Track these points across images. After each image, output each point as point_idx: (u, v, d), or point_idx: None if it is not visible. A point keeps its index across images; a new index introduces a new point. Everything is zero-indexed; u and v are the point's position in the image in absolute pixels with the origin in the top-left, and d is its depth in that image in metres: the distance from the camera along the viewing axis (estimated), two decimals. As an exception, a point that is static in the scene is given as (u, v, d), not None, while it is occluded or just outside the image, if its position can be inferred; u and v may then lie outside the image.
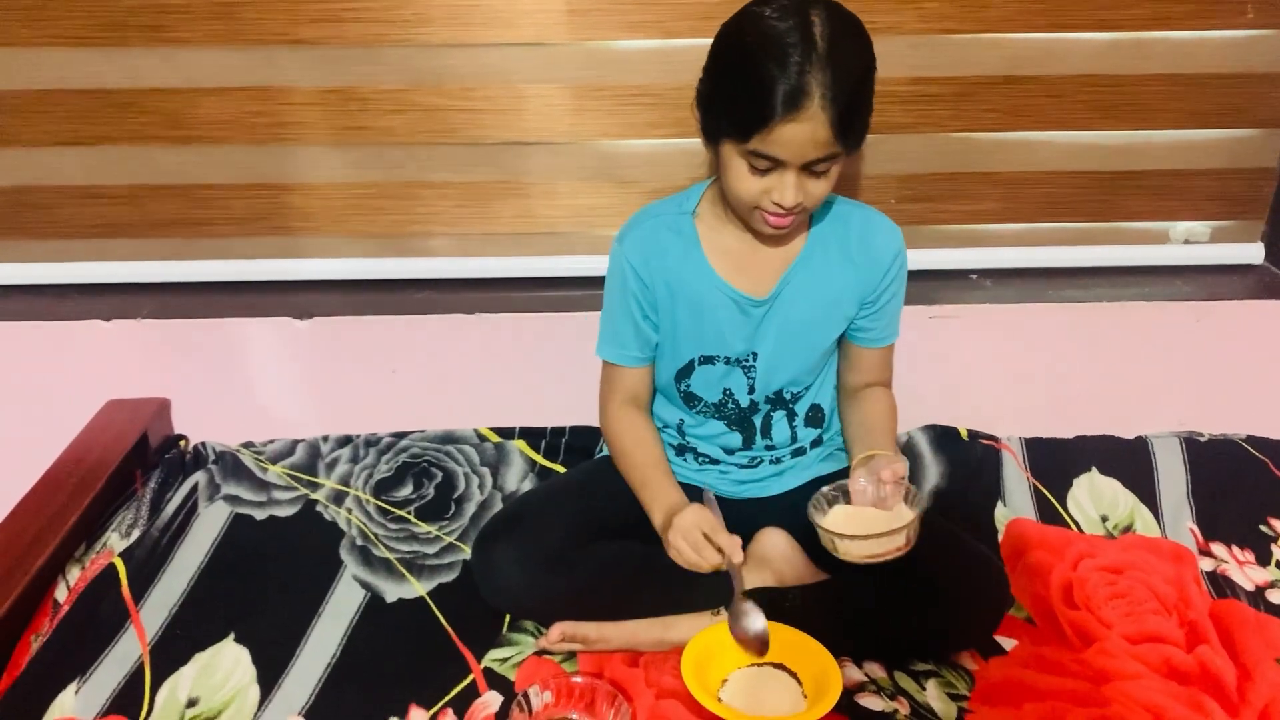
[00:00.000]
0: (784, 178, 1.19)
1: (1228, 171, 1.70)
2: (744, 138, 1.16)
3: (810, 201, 1.22)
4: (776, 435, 1.44)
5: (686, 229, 1.36)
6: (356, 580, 1.45)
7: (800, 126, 1.13)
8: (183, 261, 1.73)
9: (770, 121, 1.13)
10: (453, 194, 1.69)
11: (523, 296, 1.72)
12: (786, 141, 1.15)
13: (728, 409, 1.41)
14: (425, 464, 1.66)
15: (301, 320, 1.67)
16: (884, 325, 1.42)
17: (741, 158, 1.20)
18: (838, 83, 1.12)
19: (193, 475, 1.62)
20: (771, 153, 1.16)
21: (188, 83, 1.60)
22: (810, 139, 1.14)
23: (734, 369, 1.39)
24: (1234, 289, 1.73)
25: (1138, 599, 1.41)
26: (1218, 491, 1.61)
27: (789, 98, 1.12)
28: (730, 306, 1.35)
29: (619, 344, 1.41)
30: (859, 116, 1.17)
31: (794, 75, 1.11)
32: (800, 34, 1.12)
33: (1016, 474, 1.65)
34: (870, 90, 1.20)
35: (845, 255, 1.36)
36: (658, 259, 1.35)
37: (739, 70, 1.17)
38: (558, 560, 1.29)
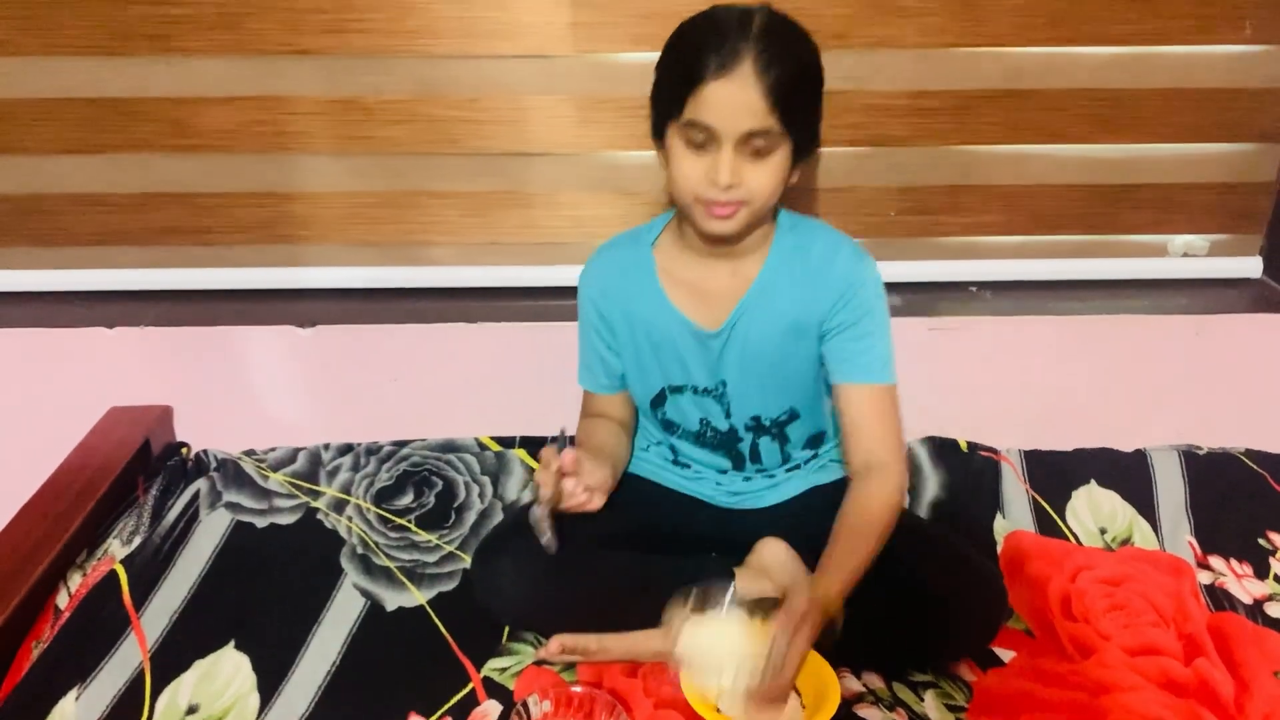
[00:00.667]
0: (720, 155, 1.16)
1: (1226, 185, 1.71)
2: (679, 108, 1.16)
3: (750, 190, 1.19)
4: (767, 459, 1.44)
5: (645, 260, 1.36)
6: (357, 588, 1.45)
7: (729, 86, 1.12)
8: (186, 269, 1.74)
9: (700, 82, 1.13)
10: (456, 203, 1.69)
11: (525, 305, 1.73)
12: (718, 103, 1.13)
13: (708, 436, 1.42)
14: (426, 473, 1.66)
15: (304, 328, 1.68)
16: (854, 357, 1.32)
17: (680, 138, 1.18)
18: (770, 52, 1.12)
19: (194, 483, 1.62)
20: (703, 119, 1.14)
21: (193, 92, 1.61)
22: (742, 103, 1.13)
23: (705, 398, 1.39)
24: (1232, 302, 1.73)
25: (1136, 611, 1.41)
26: (1216, 505, 1.61)
27: (718, 58, 1.12)
28: (688, 338, 1.35)
29: (589, 372, 1.45)
30: (797, 94, 1.15)
31: (725, 40, 1.12)
32: (738, 17, 1.14)
33: (1015, 486, 1.65)
34: (813, 84, 1.19)
35: (803, 280, 1.31)
36: (615, 291, 1.37)
37: (676, 48, 1.19)
38: (557, 572, 1.29)
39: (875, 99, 1.63)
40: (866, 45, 1.59)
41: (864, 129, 1.65)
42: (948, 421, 1.74)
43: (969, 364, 1.73)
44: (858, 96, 1.62)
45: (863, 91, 1.62)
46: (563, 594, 1.29)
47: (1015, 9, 1.58)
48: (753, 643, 1.17)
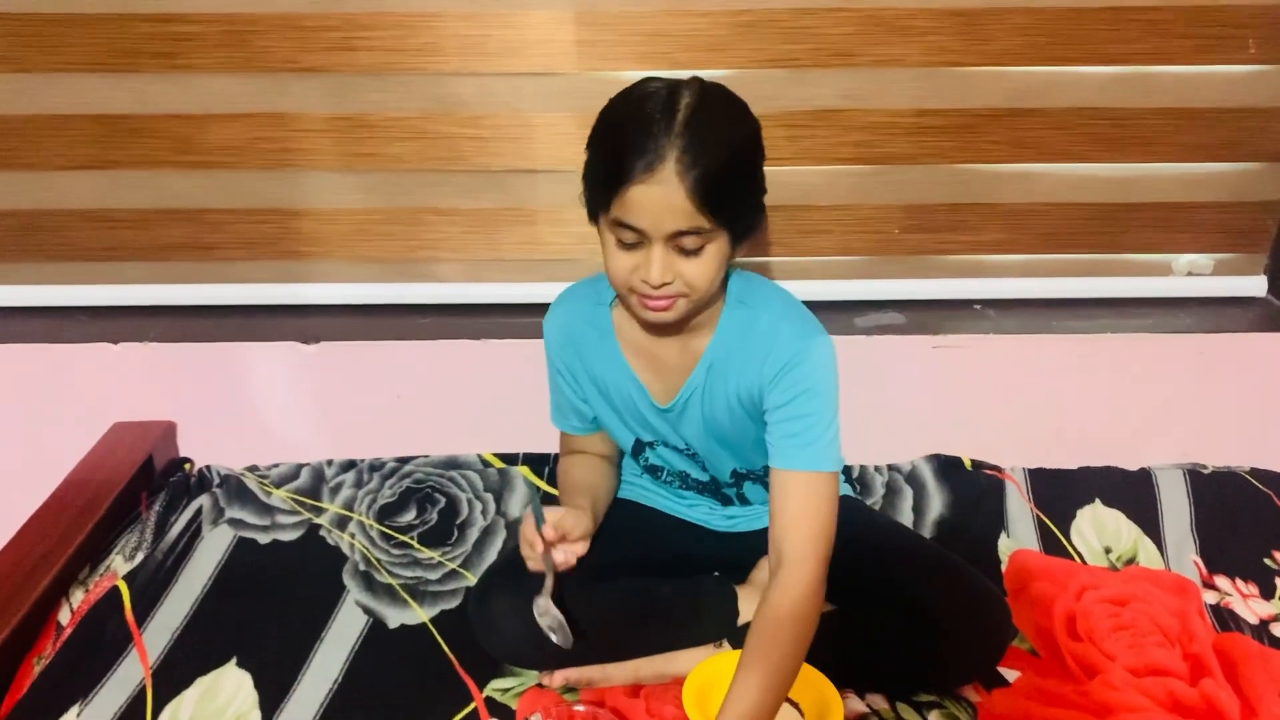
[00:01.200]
0: (650, 253, 1.11)
1: (1230, 205, 1.71)
2: (606, 205, 1.11)
3: (685, 284, 1.13)
4: (754, 498, 1.42)
5: (602, 321, 1.31)
6: (359, 606, 1.45)
7: (652, 190, 1.06)
8: (191, 285, 1.74)
9: (624, 184, 1.07)
10: (461, 220, 1.70)
11: (529, 322, 1.71)
12: (641, 206, 1.08)
13: (691, 482, 1.41)
14: (429, 489, 1.66)
15: (308, 345, 1.68)
16: (786, 439, 1.22)
17: (610, 234, 1.13)
18: (695, 148, 1.06)
19: (197, 498, 1.62)
20: (630, 220, 1.09)
21: (199, 108, 1.61)
22: (665, 204, 1.07)
23: (678, 454, 1.37)
24: (1237, 321, 1.73)
25: (1141, 631, 1.41)
26: (1222, 524, 1.61)
27: (641, 159, 1.06)
28: (644, 402, 1.32)
29: (560, 413, 1.42)
30: (725, 189, 1.08)
31: (649, 139, 1.06)
32: (664, 103, 1.08)
33: (1020, 504, 1.65)
34: (744, 172, 1.13)
35: (747, 357, 1.24)
36: (575, 349, 1.33)
37: (601, 137, 1.13)
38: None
39: (879, 117, 1.63)
40: (870, 64, 1.59)
41: (868, 147, 1.65)
42: (952, 440, 1.73)
43: (972, 382, 1.73)
44: (861, 115, 1.63)
45: (866, 110, 1.63)
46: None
47: (1018, 29, 1.59)
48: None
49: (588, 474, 1.39)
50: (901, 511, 1.63)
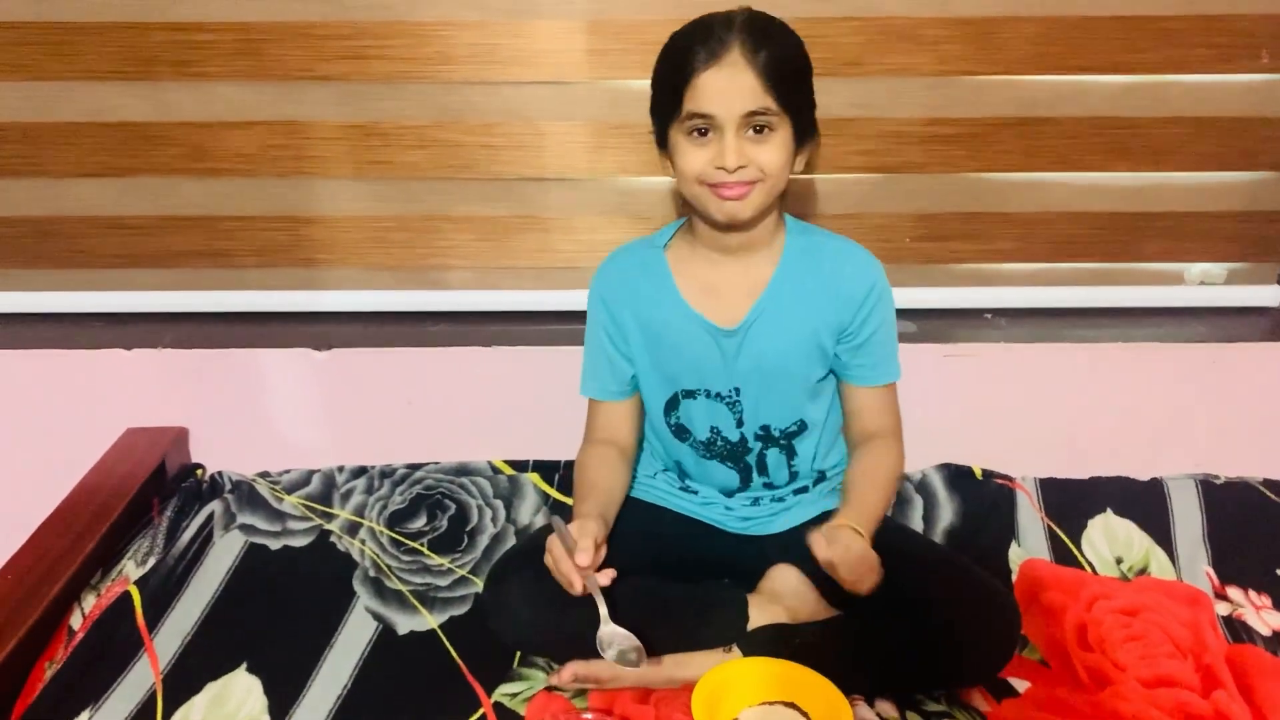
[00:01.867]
0: (724, 140, 1.19)
1: (1243, 214, 1.70)
2: (677, 106, 1.19)
3: (757, 170, 1.21)
4: (775, 475, 1.43)
5: (657, 263, 1.37)
6: (369, 612, 1.45)
7: (721, 73, 1.16)
8: (205, 292, 1.75)
9: (693, 74, 1.17)
10: (473, 228, 1.70)
11: (540, 330, 1.73)
12: (712, 91, 1.17)
13: (718, 446, 1.41)
14: (439, 496, 1.66)
15: (320, 351, 1.69)
16: (873, 362, 1.37)
17: (682, 134, 1.22)
18: (756, 36, 1.17)
19: (209, 504, 1.63)
20: (702, 108, 1.18)
21: (213, 116, 1.62)
22: (734, 86, 1.16)
23: (718, 404, 1.38)
24: (1249, 331, 1.72)
25: (1153, 642, 1.39)
26: (1234, 535, 1.59)
27: (706, 49, 1.17)
28: (703, 338, 1.34)
29: (595, 378, 1.43)
30: (789, 72, 1.19)
31: (711, 34, 1.17)
32: (722, 16, 1.19)
33: (1031, 514, 1.64)
34: (802, 67, 1.23)
35: (818, 285, 1.33)
36: (627, 292, 1.37)
37: (666, 55, 1.23)
38: (568, 599, 1.27)
39: (890, 126, 1.63)
40: (882, 73, 1.59)
41: (879, 156, 1.65)
42: (962, 449, 1.73)
43: (984, 391, 1.72)
44: (873, 124, 1.63)
45: (878, 119, 1.63)
46: (574, 622, 1.28)
47: (1031, 37, 1.58)
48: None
49: (606, 473, 1.39)
50: (912, 520, 1.62)
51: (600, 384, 1.43)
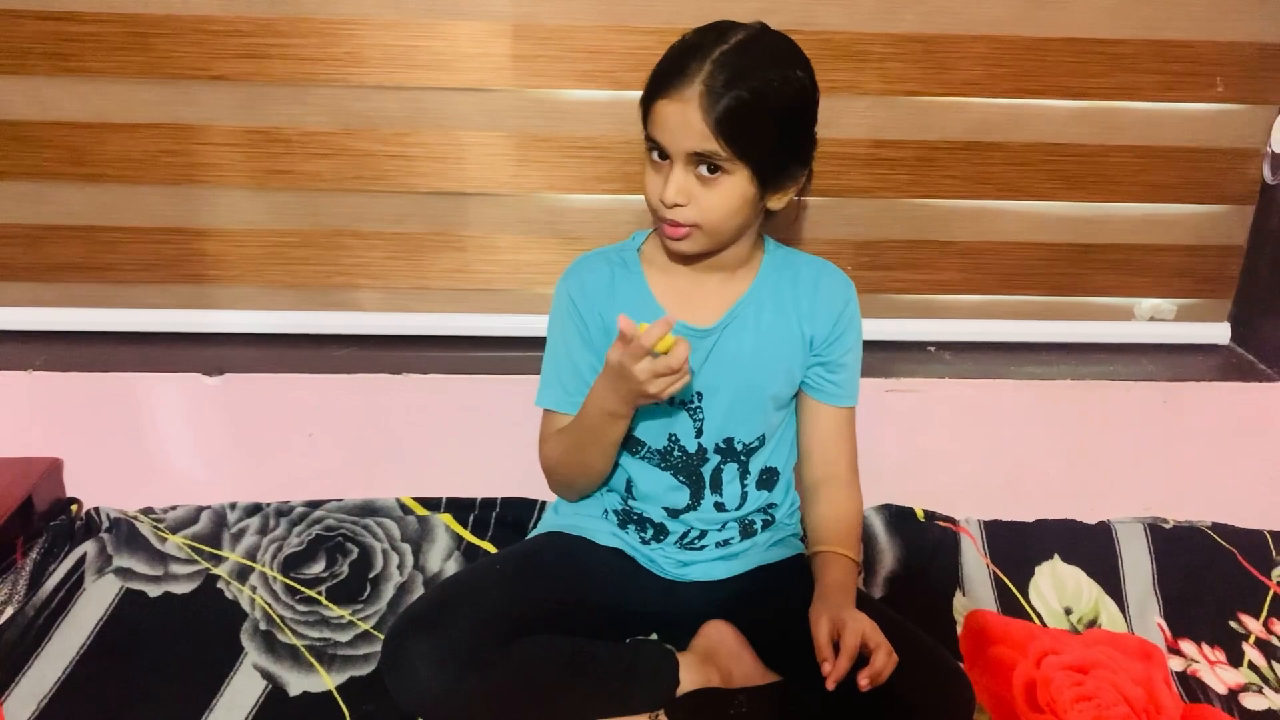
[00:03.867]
0: (672, 170, 1.16)
1: (1195, 248, 1.65)
2: (645, 121, 1.18)
3: (698, 212, 1.17)
4: (727, 492, 1.33)
5: (631, 263, 1.31)
6: (257, 669, 1.31)
7: (674, 106, 1.12)
8: (82, 309, 1.60)
9: (654, 99, 1.15)
10: (382, 245, 1.58)
11: (455, 356, 1.61)
12: (664, 121, 1.14)
13: (673, 456, 1.31)
14: (340, 538, 1.52)
15: (211, 377, 1.54)
16: (844, 379, 1.33)
17: (646, 149, 1.19)
18: (725, 74, 1.11)
19: (81, 544, 1.47)
20: (653, 133, 1.16)
21: (95, 116, 1.49)
22: (683, 121, 1.12)
23: (679, 411, 1.29)
24: (1199, 370, 1.67)
25: (1106, 702, 1.32)
26: (1185, 583, 1.53)
27: (670, 76, 1.13)
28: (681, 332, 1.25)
29: (560, 387, 1.32)
30: (748, 120, 1.12)
31: (685, 60, 1.12)
32: (715, 33, 1.14)
33: (976, 560, 1.56)
34: (778, 107, 1.15)
35: (795, 295, 1.30)
36: (599, 291, 1.29)
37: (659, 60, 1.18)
38: (480, 658, 1.15)
39: (833, 147, 1.55)
40: (825, 90, 1.49)
41: (820, 178, 1.55)
42: (903, 488, 1.64)
43: (926, 428, 1.64)
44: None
45: (820, 139, 1.52)
46: (486, 685, 1.15)
47: (980, 58, 1.52)
48: None
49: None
50: (851, 566, 1.53)
51: (562, 392, 1.31)
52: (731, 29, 1.15)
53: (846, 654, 1.10)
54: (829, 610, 1.15)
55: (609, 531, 1.35)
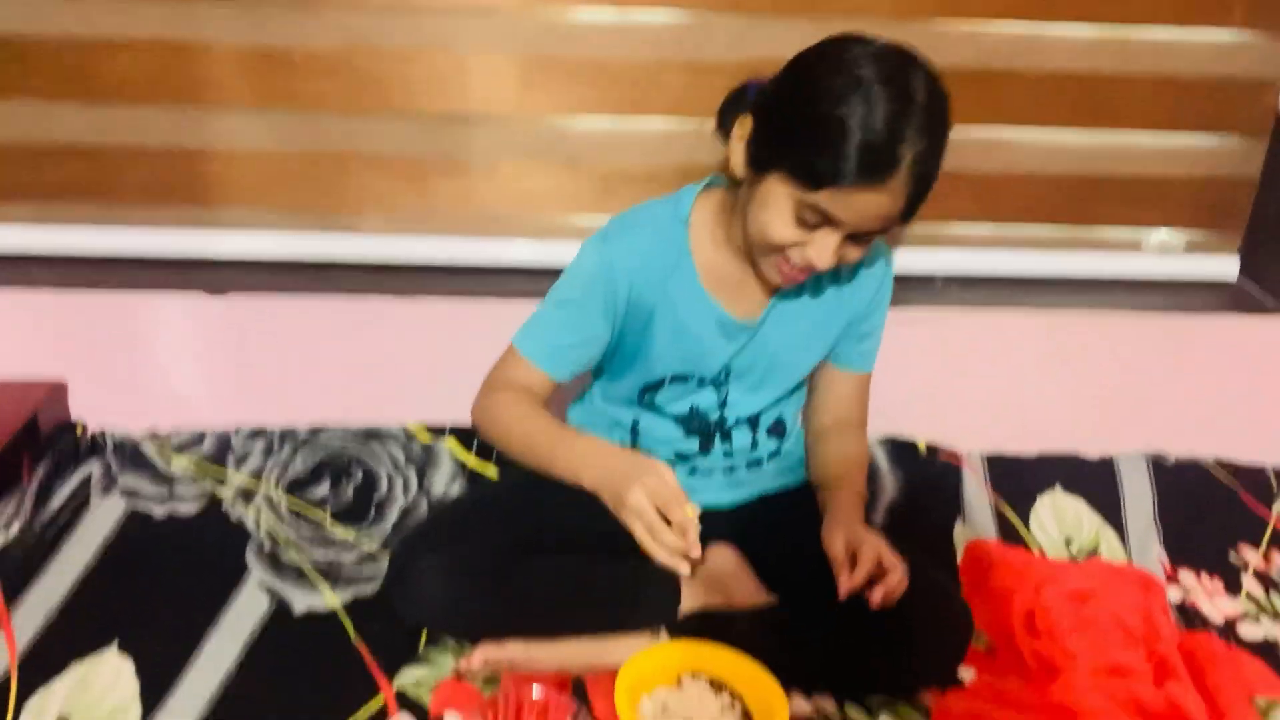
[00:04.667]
0: (827, 239, 1.08)
1: (1207, 180, 1.64)
2: (808, 187, 1.05)
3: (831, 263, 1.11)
4: (736, 443, 1.33)
5: (678, 239, 1.22)
6: (262, 588, 1.32)
7: (877, 197, 1.04)
8: (85, 230, 1.59)
9: (847, 183, 1.02)
10: (386, 169, 1.57)
11: (460, 282, 1.60)
12: (856, 208, 1.05)
13: (691, 422, 1.31)
14: (345, 461, 1.53)
15: (215, 296, 1.53)
16: (869, 348, 1.34)
17: (790, 203, 1.07)
18: (929, 156, 1.04)
19: (86, 465, 1.48)
20: (833, 213, 1.06)
21: (96, 34, 1.47)
22: (879, 211, 1.05)
23: (706, 388, 1.28)
24: (1207, 304, 1.66)
25: (1104, 629, 1.33)
26: (1186, 516, 1.53)
27: (876, 164, 1.02)
28: (713, 328, 1.24)
29: (550, 344, 1.25)
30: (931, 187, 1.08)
31: (887, 139, 1.01)
32: (899, 89, 1.02)
33: (977, 491, 1.56)
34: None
35: (834, 281, 1.27)
36: (645, 270, 1.21)
37: (824, 115, 1.03)
38: (487, 576, 1.17)
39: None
40: (836, 13, 1.48)
41: (830, 105, 1.54)
42: (906, 421, 1.64)
43: (930, 361, 1.63)
44: (824, 69, 1.52)
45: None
46: (491, 600, 1.17)
47: (994, -20, 1.49)
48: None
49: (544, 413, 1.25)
50: (853, 496, 1.53)
51: (551, 351, 1.25)
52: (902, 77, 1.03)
53: (865, 567, 1.11)
54: (844, 528, 1.17)
55: None
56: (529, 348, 1.25)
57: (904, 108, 1.02)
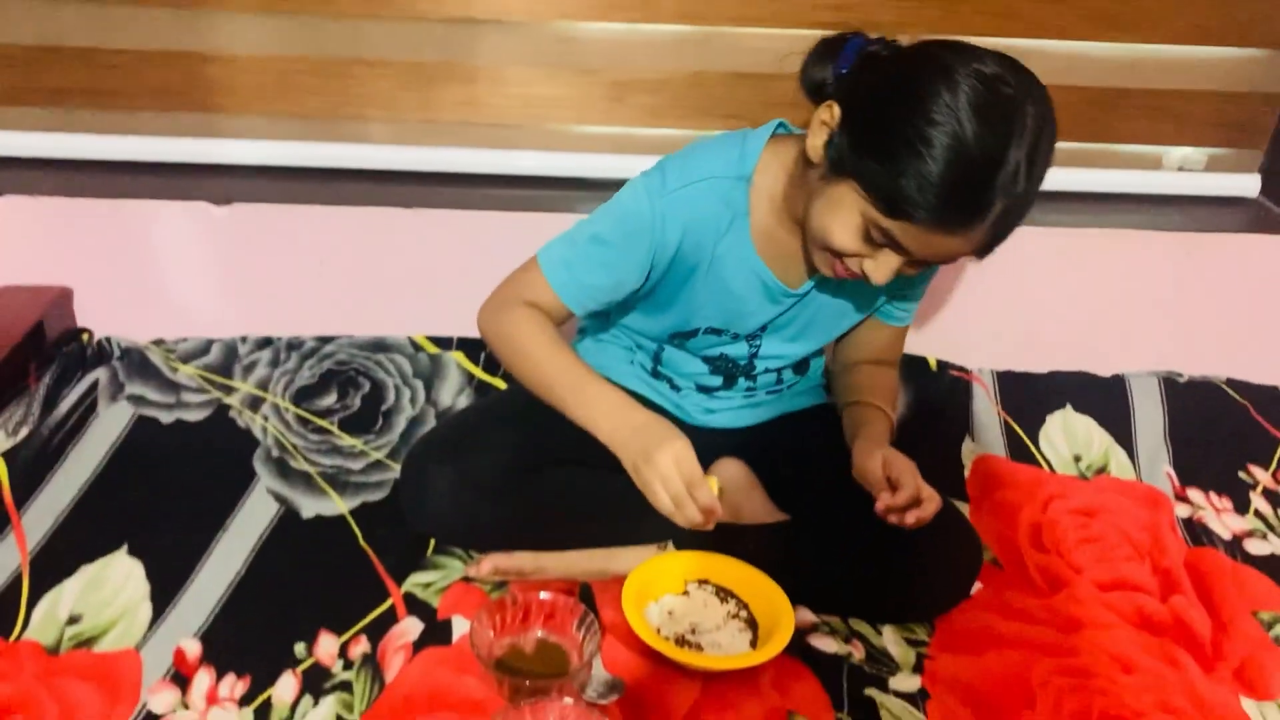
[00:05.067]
0: (889, 260, 1.03)
1: (1230, 95, 1.60)
2: (882, 211, 0.98)
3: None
4: (761, 381, 1.32)
5: (738, 199, 1.14)
6: (270, 493, 1.32)
7: (953, 240, 0.98)
8: (88, 135, 1.56)
9: (928, 223, 0.96)
10: (391, 75, 1.53)
11: (465, 192, 1.58)
12: (929, 245, 1.00)
13: (719, 364, 1.29)
14: (352, 372, 1.52)
15: (220, 206, 1.51)
16: (909, 307, 1.31)
17: (860, 217, 1.01)
18: (1020, 205, 0.97)
19: (93, 371, 1.47)
20: (903, 243, 1.00)
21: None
22: (951, 251, 1.01)
23: (739, 341, 1.26)
24: (1227, 222, 1.63)
25: (1110, 544, 1.33)
26: (1197, 435, 1.53)
27: (961, 213, 0.96)
28: (759, 291, 1.19)
29: (579, 285, 1.17)
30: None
31: (978, 189, 0.94)
32: (1002, 135, 0.93)
33: (987, 408, 1.55)
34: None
35: None
36: (698, 232, 1.14)
37: (915, 144, 0.94)
38: (498, 488, 1.16)
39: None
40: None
41: (844, 12, 1.50)
42: (917, 337, 1.63)
43: (942, 276, 1.60)
44: (842, -24, 1.48)
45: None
46: (502, 512, 1.17)
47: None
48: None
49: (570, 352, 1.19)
50: (862, 411, 1.52)
51: (583, 297, 1.17)
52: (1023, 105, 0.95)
53: (908, 491, 1.10)
54: (883, 451, 1.15)
55: (635, 375, 1.32)
56: (556, 277, 1.17)
57: (1003, 156, 0.93)
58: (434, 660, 1.09)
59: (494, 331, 1.20)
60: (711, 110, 1.57)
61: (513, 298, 1.19)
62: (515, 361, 1.19)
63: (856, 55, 1.05)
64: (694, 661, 1.07)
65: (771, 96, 1.56)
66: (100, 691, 1.04)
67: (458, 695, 1.05)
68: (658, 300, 1.22)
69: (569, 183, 1.61)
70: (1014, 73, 0.97)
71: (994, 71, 0.96)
